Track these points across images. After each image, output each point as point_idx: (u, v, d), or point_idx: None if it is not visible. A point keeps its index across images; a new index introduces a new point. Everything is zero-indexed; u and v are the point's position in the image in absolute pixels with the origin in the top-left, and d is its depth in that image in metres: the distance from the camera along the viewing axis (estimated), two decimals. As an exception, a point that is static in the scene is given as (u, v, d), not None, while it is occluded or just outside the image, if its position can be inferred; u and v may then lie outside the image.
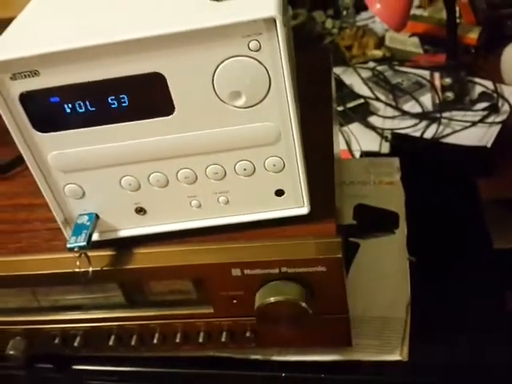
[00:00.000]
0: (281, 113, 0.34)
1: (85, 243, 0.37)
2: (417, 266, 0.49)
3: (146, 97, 0.33)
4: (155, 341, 0.43)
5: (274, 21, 0.30)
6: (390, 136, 0.96)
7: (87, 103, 0.33)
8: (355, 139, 0.95)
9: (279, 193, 0.38)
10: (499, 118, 0.95)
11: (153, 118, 0.34)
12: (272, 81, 0.32)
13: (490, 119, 0.95)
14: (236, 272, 0.38)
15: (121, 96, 0.33)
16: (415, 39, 1.24)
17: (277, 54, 0.31)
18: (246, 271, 0.38)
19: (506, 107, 0.97)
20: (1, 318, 0.44)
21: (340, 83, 1.07)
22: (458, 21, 1.30)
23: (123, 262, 0.39)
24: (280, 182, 0.37)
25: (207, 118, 0.34)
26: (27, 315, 0.44)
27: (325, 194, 0.41)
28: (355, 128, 0.99)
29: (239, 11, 0.30)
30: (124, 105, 0.33)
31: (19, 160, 0.48)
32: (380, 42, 1.26)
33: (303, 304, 0.38)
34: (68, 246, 0.37)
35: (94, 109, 0.34)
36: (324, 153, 0.44)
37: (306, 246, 0.38)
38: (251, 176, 0.37)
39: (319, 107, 0.51)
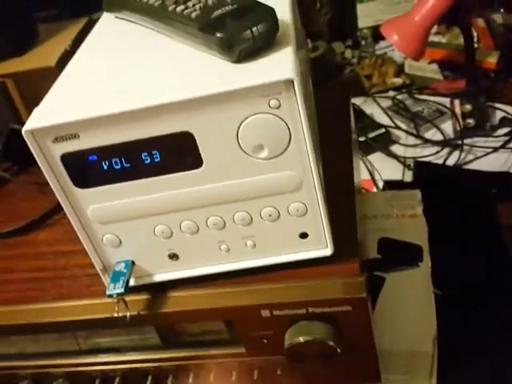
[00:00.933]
0: (301, 162, 0.36)
1: (123, 290, 0.39)
2: (442, 299, 0.50)
3: (177, 153, 0.36)
4: (190, 380, 0.45)
5: (292, 82, 0.32)
6: (412, 164, 0.98)
7: (123, 160, 0.36)
8: (376, 169, 0.97)
9: (303, 235, 0.40)
10: (522, 143, 0.96)
11: (183, 171, 0.36)
12: (292, 134, 0.35)
13: (512, 145, 0.96)
14: (265, 313, 0.40)
15: (153, 152, 0.36)
16: (434, 66, 1.26)
17: (295, 109, 0.34)
18: (275, 312, 0.40)
19: (528, 131, 0.98)
20: (43, 361, 0.47)
21: (361, 113, 1.10)
22: (476, 45, 1.32)
23: (158, 306, 0.41)
24: (304, 226, 0.39)
25: (233, 170, 0.36)
26: (68, 358, 0.46)
27: (347, 232, 0.43)
28: (377, 157, 1.01)
29: (259, 73, 0.33)
30: (156, 160, 0.36)
31: (58, 209, 0.51)
32: (399, 70, 1.29)
33: (331, 343, 0.39)
34: (107, 292, 0.39)
35: (128, 165, 0.36)
36: (345, 189, 0.46)
37: (331, 286, 0.39)
38: (276, 221, 0.39)
39: (339, 141, 0.52)
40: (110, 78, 0.38)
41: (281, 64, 0.33)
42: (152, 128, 0.34)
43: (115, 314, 0.41)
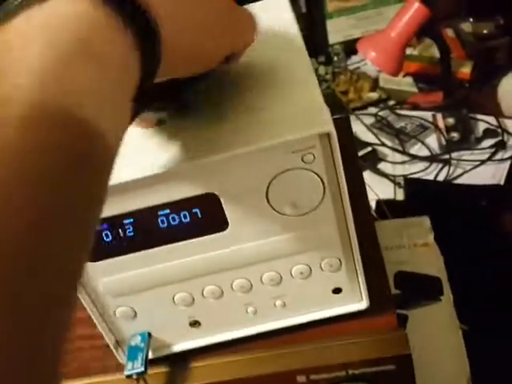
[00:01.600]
0: (336, 217, 0.33)
1: (142, 368, 0.35)
2: (470, 334, 0.48)
3: (200, 215, 0.32)
4: None
5: (329, 134, 0.29)
6: (402, 182, 0.97)
7: (137, 227, 0.33)
8: (370, 188, 0.95)
9: (336, 291, 0.37)
10: (508, 154, 0.95)
11: (206, 235, 0.33)
12: (326, 188, 0.32)
13: (499, 156, 0.95)
14: (301, 379, 0.37)
15: (173, 218, 0.32)
16: (409, 79, 1.25)
17: (331, 161, 0.31)
18: (312, 377, 0.37)
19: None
20: None
21: (344, 132, 1.08)
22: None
23: (181, 380, 0.38)
24: (337, 281, 0.36)
25: (262, 229, 0.33)
26: None
27: (378, 281, 0.40)
28: (367, 176, 0.99)
29: (291, 126, 0.30)
30: (177, 225, 0.33)
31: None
32: (375, 85, 1.28)
33: (376, 404, 0.36)
34: (126, 373, 0.35)
35: (144, 232, 0.33)
36: (370, 237, 0.43)
37: (372, 344, 0.36)
38: (308, 278, 0.36)
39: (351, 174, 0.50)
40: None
41: (314, 113, 0.30)
42: (174, 193, 0.31)
43: (133, 393, 0.37)
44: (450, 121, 1.03)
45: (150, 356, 0.38)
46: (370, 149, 1.02)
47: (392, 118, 1.11)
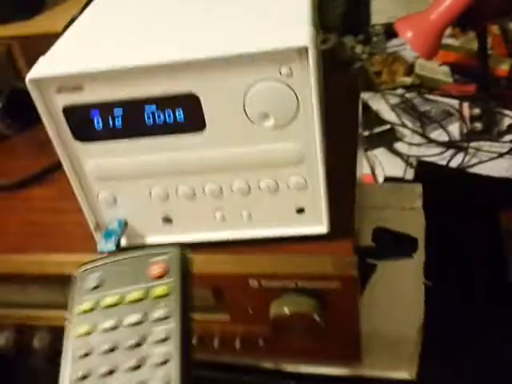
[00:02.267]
0: (306, 135, 0.36)
1: (114, 247, 0.39)
2: (432, 291, 0.50)
3: (180, 114, 0.35)
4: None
5: (307, 50, 0.32)
6: (415, 163, 0.98)
7: (125, 118, 0.36)
8: (379, 164, 0.96)
9: (300, 211, 0.40)
10: (528, 150, 0.95)
11: (185, 133, 0.36)
12: (300, 105, 0.35)
13: (518, 151, 0.95)
14: (253, 283, 0.40)
15: (156, 112, 0.36)
16: (446, 68, 1.25)
17: (307, 80, 0.33)
18: (263, 283, 0.40)
19: (535, 139, 0.98)
20: (29, 310, 0.47)
21: (366, 108, 1.09)
22: (489, 52, 1.31)
23: (148, 268, 0.41)
24: (301, 201, 0.39)
25: (236, 137, 0.36)
26: (54, 310, 0.46)
27: (345, 215, 0.42)
28: (380, 153, 1.01)
29: (274, 38, 0.32)
30: (159, 120, 0.36)
31: (54, 167, 0.51)
32: (410, 70, 1.28)
33: (316, 317, 0.39)
34: (99, 248, 0.39)
35: (131, 123, 0.36)
36: (348, 175, 0.46)
37: (323, 263, 0.39)
38: (274, 193, 0.39)
39: (345, 130, 0.52)
40: (120, 32, 0.38)
41: (296, 30, 0.33)
42: (157, 87, 0.34)
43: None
44: (476, 111, 1.03)
45: (124, 244, 0.42)
46: (388, 127, 1.03)
47: (418, 101, 1.12)
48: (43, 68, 0.34)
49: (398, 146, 1.02)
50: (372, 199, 0.61)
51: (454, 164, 0.95)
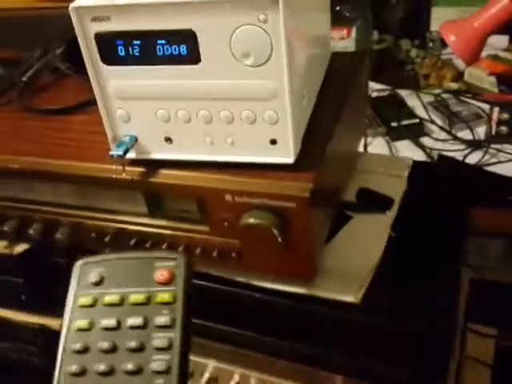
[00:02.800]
0: (279, 74, 0.44)
1: (121, 153, 0.49)
2: (395, 241, 0.57)
3: (182, 48, 0.45)
4: (163, 247, 0.54)
5: (278, 1, 0.41)
6: (436, 157, 1.03)
7: (142, 48, 0.46)
8: (397, 154, 1.03)
9: (273, 142, 0.48)
10: (547, 158, 0.98)
11: (185, 65, 0.46)
12: (274, 47, 0.43)
13: (539, 157, 0.98)
14: (228, 198, 0.49)
15: (166, 45, 0.45)
16: (493, 79, 1.28)
17: (279, 26, 0.42)
18: (236, 198, 0.49)
19: (558, 149, 1.00)
20: (56, 208, 0.58)
21: (401, 102, 1.15)
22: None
23: (148, 176, 0.51)
24: (274, 133, 0.48)
25: (223, 71, 0.45)
26: (75, 210, 0.57)
27: (314, 155, 0.50)
28: (405, 145, 1.07)
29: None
30: (167, 52, 0.46)
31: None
32: (458, 76, 1.32)
33: (274, 231, 0.47)
34: (110, 153, 0.49)
35: (146, 53, 0.46)
36: (329, 125, 0.54)
37: (286, 186, 0.48)
38: (252, 124, 0.48)
39: (336, 99, 0.60)
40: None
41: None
42: (166, 22, 0.44)
43: (116, 175, 0.51)
44: (505, 116, 1.07)
45: (134, 156, 0.52)
46: (417, 120, 1.08)
47: (453, 101, 1.16)
48: (82, 0, 0.45)
49: (424, 140, 1.07)
50: (365, 164, 0.68)
51: (472, 161, 0.99)
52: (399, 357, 0.51)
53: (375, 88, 1.23)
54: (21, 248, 0.63)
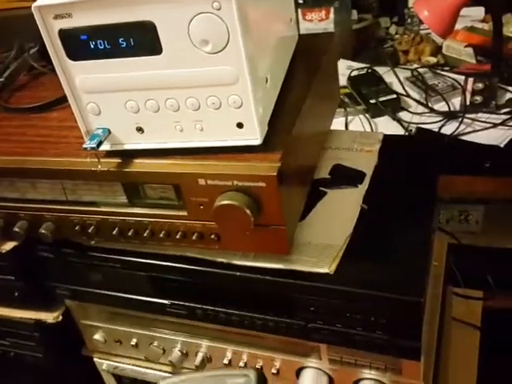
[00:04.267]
0: (238, 60, 0.46)
1: (95, 145, 0.51)
2: (367, 213, 0.60)
3: (144, 39, 0.47)
4: (145, 234, 0.56)
5: (229, -11, 0.42)
6: (414, 130, 1.05)
7: (105, 42, 0.47)
8: (376, 130, 1.05)
9: (239, 125, 0.50)
10: (521, 122, 1.00)
11: (148, 55, 0.47)
12: (230, 34, 0.45)
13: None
14: (201, 182, 0.51)
15: (128, 38, 0.47)
16: (470, 50, 1.30)
17: (233, 13, 0.43)
18: (209, 181, 0.51)
19: (532, 113, 1.02)
20: (38, 205, 0.59)
21: (379, 79, 1.17)
22: (512, 34, 1.34)
23: (124, 166, 0.53)
24: (240, 117, 0.49)
25: (185, 60, 0.47)
26: (57, 205, 0.59)
27: (282, 136, 0.52)
28: (384, 120, 1.09)
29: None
30: (130, 45, 0.47)
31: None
32: (437, 50, 1.34)
33: (247, 211, 0.49)
34: (83, 146, 0.51)
35: (109, 46, 0.48)
36: (293, 110, 0.55)
37: (255, 167, 0.50)
38: (218, 109, 0.49)
39: (305, 79, 0.61)
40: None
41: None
42: (125, 15, 0.45)
43: (92, 168, 0.53)
44: (479, 85, 1.08)
45: (108, 148, 0.54)
46: (394, 96, 1.10)
47: (429, 75, 1.18)
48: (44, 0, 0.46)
49: (402, 115, 1.09)
50: (338, 141, 0.70)
51: (448, 131, 1.01)
52: (375, 322, 0.53)
53: (355, 67, 1.25)
54: (9, 246, 0.65)
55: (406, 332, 0.52)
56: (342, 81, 1.19)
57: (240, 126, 0.50)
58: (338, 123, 1.07)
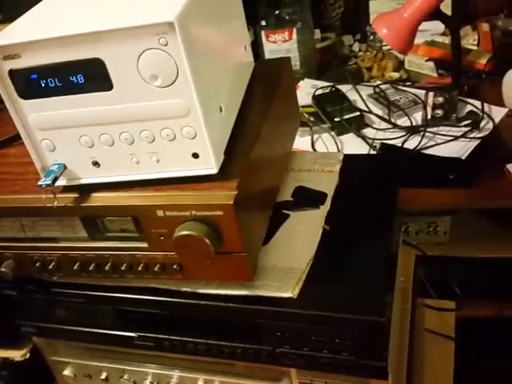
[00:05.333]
0: (188, 92, 0.46)
1: (50, 182, 0.51)
2: (329, 234, 0.60)
3: (94, 76, 0.47)
4: (107, 268, 0.56)
5: (173, 24, 0.43)
6: (378, 146, 1.06)
7: (56, 80, 0.48)
8: (342, 148, 1.06)
9: (195, 155, 0.50)
10: (481, 134, 1.02)
11: (99, 91, 0.48)
12: (179, 68, 0.45)
13: (472, 135, 1.03)
14: (160, 213, 0.51)
15: (78, 75, 0.47)
16: (431, 63, 1.33)
17: (179, 48, 0.44)
18: (167, 213, 0.51)
19: (490, 125, 1.05)
20: (-1, 243, 0.59)
21: (342, 97, 1.19)
22: (475, 48, 1.39)
23: (82, 201, 0.53)
24: (194, 147, 0.50)
25: (136, 94, 0.47)
26: (17, 243, 0.58)
27: (239, 163, 0.53)
28: (349, 137, 1.10)
29: (151, 14, 0.43)
30: (81, 82, 0.47)
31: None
32: (399, 65, 1.37)
33: (206, 240, 0.49)
34: (38, 183, 0.51)
35: (60, 84, 0.48)
36: (251, 136, 0.56)
37: (212, 196, 0.50)
38: (173, 141, 0.50)
39: (262, 105, 0.62)
40: (55, 14, 0.49)
41: (170, 9, 0.43)
42: (74, 53, 0.46)
43: (47, 204, 0.53)
44: (439, 99, 1.11)
45: (65, 183, 0.53)
46: (358, 113, 1.12)
47: (391, 91, 1.21)
48: (-9, 41, 0.46)
49: (367, 131, 1.11)
50: (300, 163, 0.71)
51: (412, 146, 1.03)
52: (340, 344, 0.53)
53: (319, 86, 1.27)
54: (-30, 286, 0.64)
55: (371, 352, 0.53)
56: (307, 100, 1.21)
57: (196, 156, 0.50)
58: (303, 142, 1.09)
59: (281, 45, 1.37)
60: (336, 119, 1.12)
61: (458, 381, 0.93)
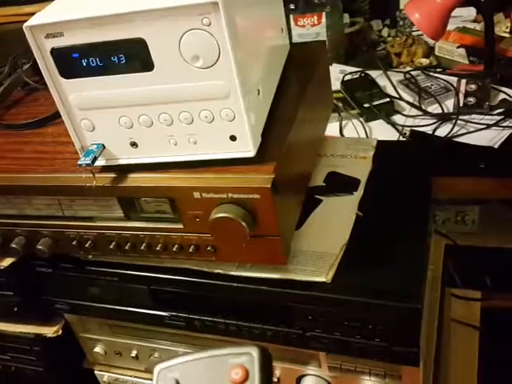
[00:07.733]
0: (229, 74, 0.46)
1: (90, 162, 0.51)
2: (362, 220, 0.60)
3: (135, 56, 0.47)
4: (142, 248, 0.57)
5: (218, 4, 0.42)
6: (408, 133, 1.05)
7: (97, 59, 0.48)
8: (370, 134, 1.05)
9: (233, 138, 0.50)
10: (512, 123, 1.01)
11: (140, 72, 0.48)
12: (221, 49, 0.45)
13: (505, 123, 1.01)
14: (197, 195, 0.51)
15: (119, 55, 0.47)
16: (462, 50, 1.30)
17: (223, 28, 0.44)
18: (204, 195, 0.51)
19: (524, 113, 1.02)
20: (35, 221, 0.60)
21: (372, 83, 1.17)
22: (507, 35, 1.35)
23: (119, 181, 0.53)
24: (233, 130, 0.50)
25: (177, 75, 0.47)
26: (54, 221, 0.59)
27: (275, 146, 0.53)
28: (379, 124, 1.09)
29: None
30: (122, 62, 0.48)
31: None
32: (429, 51, 1.34)
33: (243, 223, 0.50)
34: (78, 162, 0.51)
35: (101, 64, 0.48)
36: (286, 120, 0.56)
37: (249, 179, 0.50)
38: (211, 123, 0.50)
39: (298, 88, 0.62)
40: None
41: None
42: (116, 32, 0.46)
43: (88, 184, 0.53)
44: (472, 87, 1.09)
45: (103, 163, 0.54)
46: (387, 99, 1.11)
47: (421, 78, 1.19)
48: (36, 19, 0.47)
49: (396, 118, 1.10)
50: (333, 148, 0.70)
51: (442, 133, 1.02)
52: (373, 330, 0.53)
53: (348, 71, 1.25)
54: (6, 262, 0.65)
55: (405, 339, 0.53)
56: (336, 85, 1.20)
57: (233, 138, 0.50)
58: (332, 128, 1.08)
59: (309, 29, 1.35)
60: (365, 105, 1.11)
61: (483, 371, 0.93)
